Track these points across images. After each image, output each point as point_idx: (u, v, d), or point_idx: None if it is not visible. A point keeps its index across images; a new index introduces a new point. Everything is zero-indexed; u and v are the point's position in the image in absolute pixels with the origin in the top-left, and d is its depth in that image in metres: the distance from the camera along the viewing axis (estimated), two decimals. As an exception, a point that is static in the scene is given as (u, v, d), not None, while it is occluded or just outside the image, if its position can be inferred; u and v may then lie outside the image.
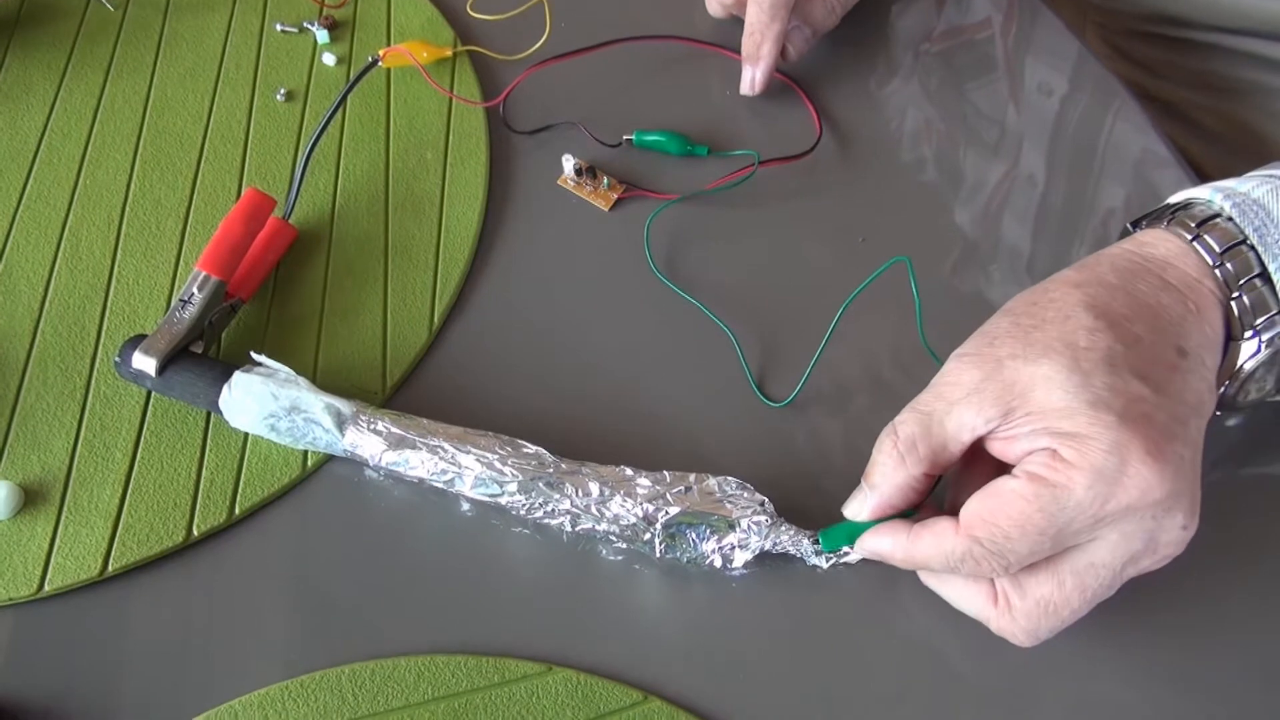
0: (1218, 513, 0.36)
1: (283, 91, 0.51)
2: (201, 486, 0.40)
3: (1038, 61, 0.53)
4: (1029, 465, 0.31)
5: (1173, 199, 0.37)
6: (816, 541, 0.36)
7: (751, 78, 0.50)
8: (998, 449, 0.33)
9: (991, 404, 0.32)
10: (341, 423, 0.39)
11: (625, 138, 0.50)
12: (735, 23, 0.52)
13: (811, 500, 0.38)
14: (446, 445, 0.38)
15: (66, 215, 0.47)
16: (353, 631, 0.37)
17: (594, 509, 0.37)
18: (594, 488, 0.37)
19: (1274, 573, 0.38)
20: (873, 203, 0.48)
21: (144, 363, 0.40)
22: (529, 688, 0.36)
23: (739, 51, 0.50)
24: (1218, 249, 0.34)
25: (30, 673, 0.36)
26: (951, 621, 0.35)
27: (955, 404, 0.32)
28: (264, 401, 0.39)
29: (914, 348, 0.42)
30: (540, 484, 0.37)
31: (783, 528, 0.37)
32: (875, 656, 0.37)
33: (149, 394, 0.42)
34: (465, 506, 0.39)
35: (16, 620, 0.37)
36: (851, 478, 0.36)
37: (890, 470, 0.34)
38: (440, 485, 0.38)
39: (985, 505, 0.31)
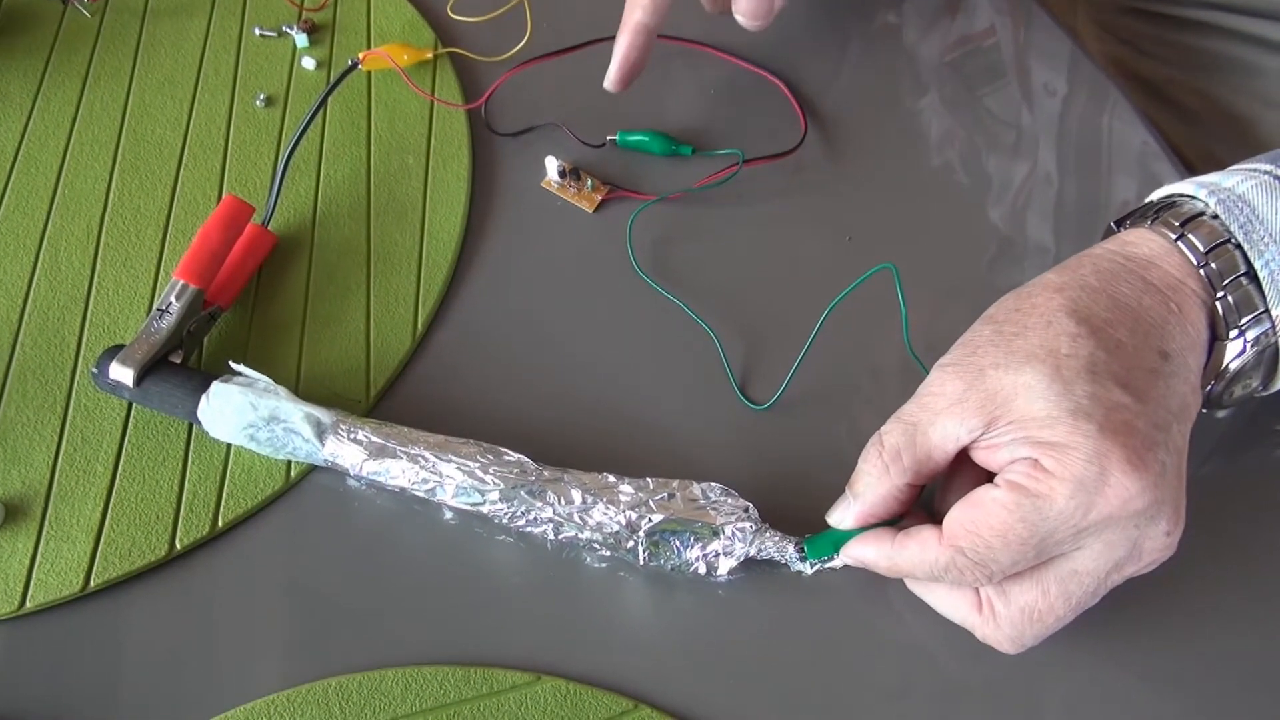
0: (1208, 510, 0.36)
1: (262, 97, 0.51)
2: (184, 499, 0.39)
3: (1028, 52, 0.53)
4: (1010, 474, 0.31)
5: (1156, 195, 0.37)
6: (801, 548, 0.36)
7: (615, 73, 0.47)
8: (981, 458, 0.32)
9: (974, 414, 0.32)
10: (321, 432, 0.38)
11: (609, 138, 0.49)
12: (720, 21, 0.52)
13: (795, 505, 0.37)
14: (427, 454, 0.38)
15: (45, 224, 0.47)
16: (339, 643, 0.37)
17: (576, 517, 0.36)
18: (576, 495, 0.37)
19: (1264, 570, 0.38)
20: (859, 201, 0.48)
21: (121, 373, 0.40)
22: (518, 698, 0.36)
23: (723, 50, 0.50)
24: (1202, 248, 0.33)
25: (10, 691, 0.36)
26: (939, 624, 0.35)
27: (939, 414, 0.32)
28: (243, 411, 0.39)
29: (899, 350, 0.42)
30: (522, 492, 0.37)
31: (767, 534, 0.36)
32: (863, 660, 0.36)
33: (129, 406, 0.42)
34: (449, 515, 0.39)
35: (-2, 637, 0.37)
36: (836, 482, 0.36)
37: (875, 480, 0.33)
38: (422, 494, 0.38)
39: (968, 515, 0.31)
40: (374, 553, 0.39)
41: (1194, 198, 0.35)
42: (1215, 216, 0.34)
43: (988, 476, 0.32)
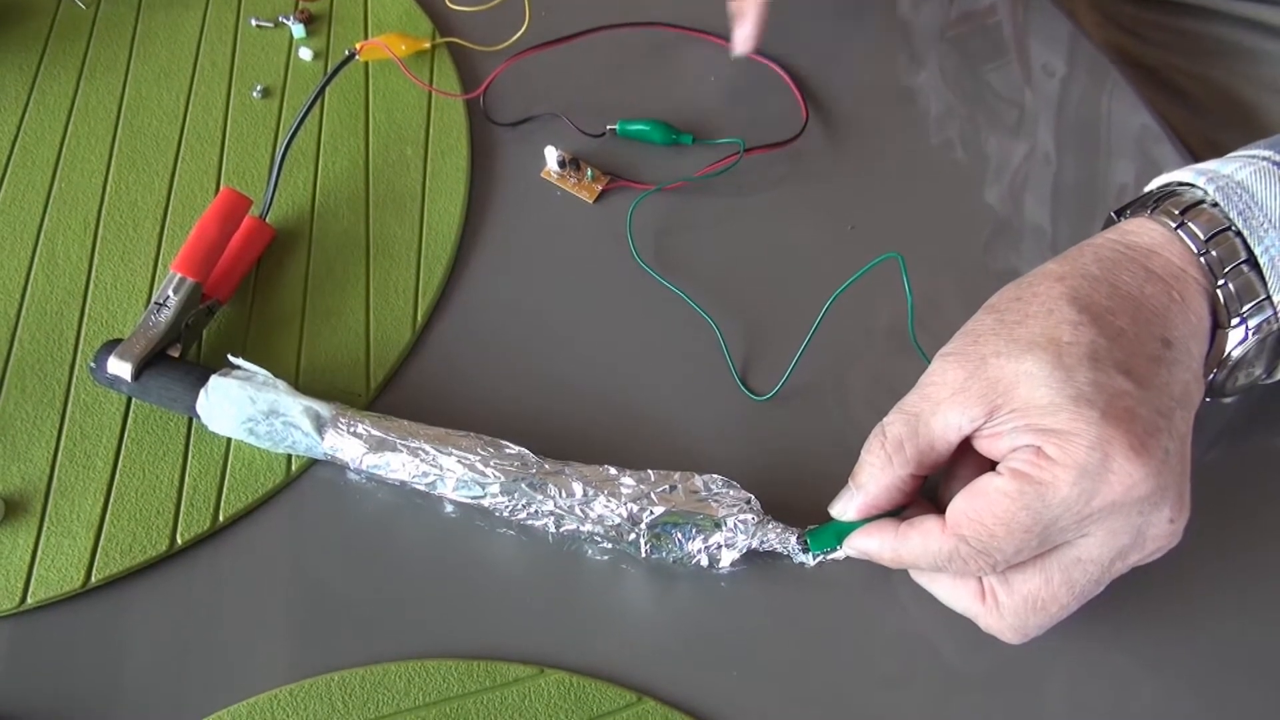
0: (1213, 498, 0.36)
1: (259, 88, 0.50)
2: (185, 494, 0.39)
3: (1030, 40, 0.52)
4: (1013, 462, 0.31)
5: (1154, 184, 0.36)
6: (804, 540, 0.36)
7: (744, 34, 0.48)
8: (984, 447, 0.32)
9: (976, 402, 0.31)
10: (321, 426, 0.38)
11: (609, 128, 0.49)
12: (720, 8, 0.51)
13: (798, 496, 0.37)
14: (427, 447, 0.37)
15: (42, 219, 0.47)
16: (341, 638, 0.37)
17: (578, 510, 0.36)
18: (577, 488, 0.37)
19: (1269, 558, 0.38)
20: (861, 189, 0.48)
21: (119, 367, 0.39)
22: (521, 691, 0.35)
23: (723, 37, 0.50)
24: (1202, 236, 0.33)
25: (12, 687, 0.36)
26: (942, 615, 0.35)
27: (941, 404, 0.32)
28: (242, 405, 0.38)
29: (902, 340, 0.42)
30: (523, 485, 0.37)
31: (769, 526, 0.36)
32: (867, 651, 0.36)
33: (129, 400, 0.41)
34: (450, 508, 0.39)
35: (-1, 633, 0.37)
36: (838, 473, 0.35)
37: (878, 471, 0.33)
38: (422, 488, 0.38)
39: (971, 504, 0.31)
40: (375, 546, 0.39)
41: (1193, 185, 0.35)
42: (1215, 204, 0.34)
43: (991, 466, 0.32)
